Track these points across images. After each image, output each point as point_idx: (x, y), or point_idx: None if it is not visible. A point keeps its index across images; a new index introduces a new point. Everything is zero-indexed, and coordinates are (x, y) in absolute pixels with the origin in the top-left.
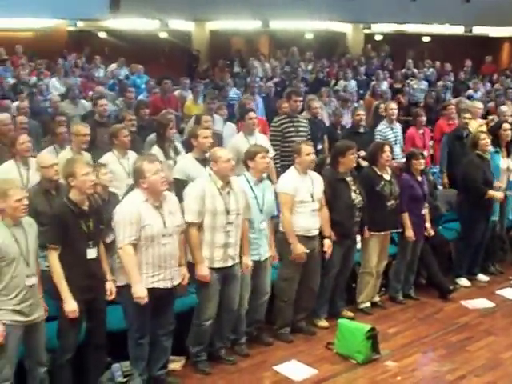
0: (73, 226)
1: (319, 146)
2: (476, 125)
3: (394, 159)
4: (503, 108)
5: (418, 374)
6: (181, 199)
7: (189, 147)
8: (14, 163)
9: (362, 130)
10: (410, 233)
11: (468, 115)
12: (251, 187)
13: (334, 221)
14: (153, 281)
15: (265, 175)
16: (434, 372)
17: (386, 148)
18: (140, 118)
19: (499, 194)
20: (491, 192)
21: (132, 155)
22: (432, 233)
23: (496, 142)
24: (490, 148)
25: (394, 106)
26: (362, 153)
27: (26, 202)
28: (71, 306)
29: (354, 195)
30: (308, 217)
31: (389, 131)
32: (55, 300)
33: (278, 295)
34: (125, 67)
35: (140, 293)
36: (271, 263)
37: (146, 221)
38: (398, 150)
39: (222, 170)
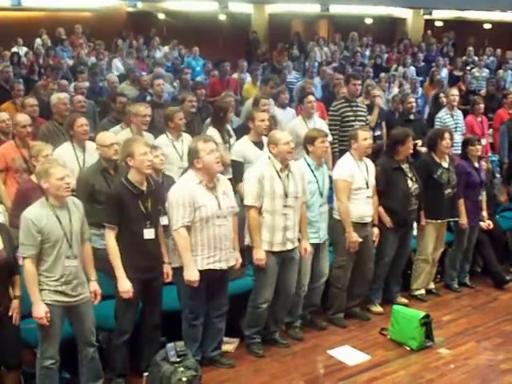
0: (130, 205)
1: (377, 132)
2: None
3: (453, 146)
4: None
5: (471, 362)
6: (237, 181)
7: (245, 130)
8: (71, 145)
9: (412, 117)
10: (464, 220)
11: None
12: (312, 171)
13: (390, 209)
14: (208, 262)
15: (323, 159)
16: (487, 361)
17: (446, 135)
18: (196, 99)
19: None
20: None
21: (186, 138)
22: (490, 224)
23: None
24: None
25: (455, 92)
26: (419, 142)
27: (68, 180)
28: (125, 285)
29: (410, 183)
30: (363, 204)
31: (449, 118)
32: (112, 279)
33: (332, 282)
34: (178, 49)
35: (192, 276)
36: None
37: (201, 202)
38: (458, 137)
39: (281, 152)
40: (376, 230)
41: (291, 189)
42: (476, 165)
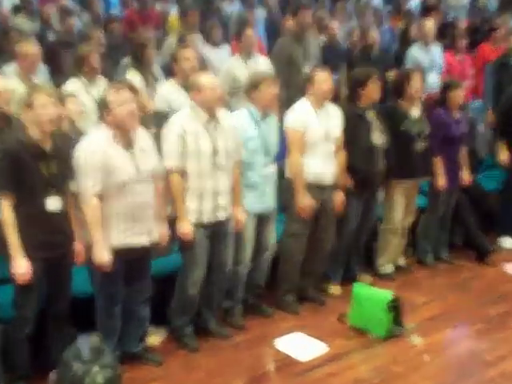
0: (29, 169)
1: (334, 76)
2: None
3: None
4: None
5: (449, 352)
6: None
7: (169, 72)
8: None
9: (376, 53)
10: (442, 181)
11: None
12: (255, 123)
13: (352, 167)
14: (125, 236)
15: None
16: (468, 351)
17: (415, 76)
18: (110, 36)
19: None
20: None
21: (103, 82)
22: (468, 181)
23: None
24: None
25: (430, 23)
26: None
27: None
28: (21, 265)
29: (376, 135)
30: (321, 161)
31: (423, 55)
32: (7, 259)
33: (282, 254)
34: None
35: (100, 257)
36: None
37: (115, 164)
38: (434, 77)
39: (206, 100)
40: (340, 195)
41: (221, 144)
42: (456, 115)
